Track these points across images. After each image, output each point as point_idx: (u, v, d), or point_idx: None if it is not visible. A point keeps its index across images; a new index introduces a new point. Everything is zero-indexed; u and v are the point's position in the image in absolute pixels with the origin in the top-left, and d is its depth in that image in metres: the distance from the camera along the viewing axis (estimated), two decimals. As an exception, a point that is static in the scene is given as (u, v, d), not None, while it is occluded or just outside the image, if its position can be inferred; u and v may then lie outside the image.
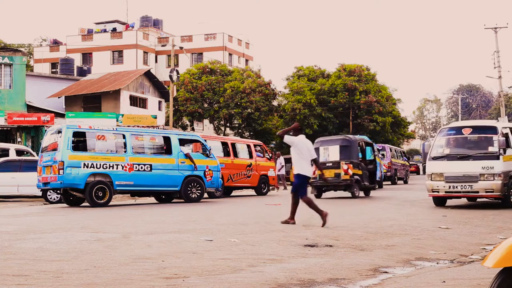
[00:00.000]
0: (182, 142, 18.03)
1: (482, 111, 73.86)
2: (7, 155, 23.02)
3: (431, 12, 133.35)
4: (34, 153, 23.99)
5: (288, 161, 39.96)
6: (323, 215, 10.09)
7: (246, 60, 61.48)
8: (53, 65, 56.23)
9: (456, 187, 14.10)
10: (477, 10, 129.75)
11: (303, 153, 10.45)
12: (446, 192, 14.29)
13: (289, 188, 31.66)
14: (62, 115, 34.65)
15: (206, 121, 48.89)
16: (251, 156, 22.61)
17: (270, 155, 24.47)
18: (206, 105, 45.37)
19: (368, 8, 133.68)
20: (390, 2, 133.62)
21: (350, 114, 45.83)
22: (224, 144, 22.05)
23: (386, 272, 6.28)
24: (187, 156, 17.53)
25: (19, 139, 31.87)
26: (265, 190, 22.93)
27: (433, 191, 14.52)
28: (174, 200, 18.14)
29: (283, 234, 8.99)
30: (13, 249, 7.39)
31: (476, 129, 14.77)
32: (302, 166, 10.41)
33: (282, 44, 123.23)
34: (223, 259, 6.74)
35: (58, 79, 44.60)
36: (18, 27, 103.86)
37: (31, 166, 19.58)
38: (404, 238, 8.79)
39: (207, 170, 17.96)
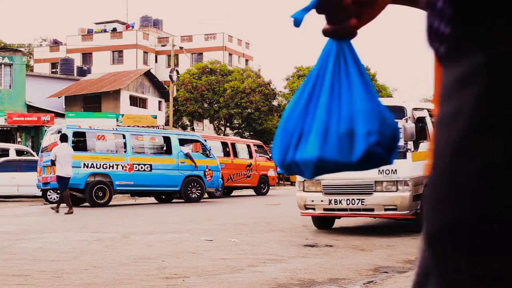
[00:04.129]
0: (182, 142, 18.02)
1: (482, 111, 73.90)
2: (7, 155, 23.02)
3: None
4: (34, 153, 23.98)
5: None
6: (70, 211, 13.18)
7: (246, 60, 61.47)
8: (53, 65, 56.20)
9: (340, 201, 9.17)
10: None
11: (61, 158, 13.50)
12: (325, 209, 9.37)
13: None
14: (62, 115, 34.63)
15: (206, 121, 48.89)
16: (251, 156, 22.61)
17: (270, 155, 24.49)
18: (206, 105, 45.37)
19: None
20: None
21: (350, 114, 45.87)
22: (224, 144, 22.05)
23: (386, 272, 6.27)
24: (187, 156, 17.52)
25: (19, 139, 31.86)
26: (265, 190, 22.93)
27: (306, 208, 9.50)
28: (174, 200, 18.14)
29: (283, 234, 9.00)
30: (13, 249, 7.40)
31: None
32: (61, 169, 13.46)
33: (282, 44, 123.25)
34: (223, 259, 6.74)
35: (58, 79, 44.58)
36: (18, 27, 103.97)
37: (31, 166, 19.58)
38: (404, 238, 8.79)
39: (207, 170, 17.96)
